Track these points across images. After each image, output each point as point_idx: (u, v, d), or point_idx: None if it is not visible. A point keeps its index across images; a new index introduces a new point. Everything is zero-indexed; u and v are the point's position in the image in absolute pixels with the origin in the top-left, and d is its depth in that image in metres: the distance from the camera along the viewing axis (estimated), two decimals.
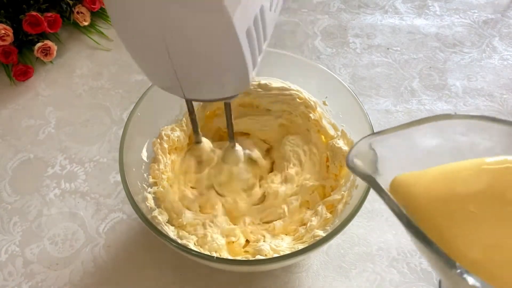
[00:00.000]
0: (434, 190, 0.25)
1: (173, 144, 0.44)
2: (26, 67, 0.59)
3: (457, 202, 0.24)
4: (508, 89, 0.59)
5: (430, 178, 0.25)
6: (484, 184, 0.24)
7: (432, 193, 0.25)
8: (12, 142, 0.54)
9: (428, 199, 0.25)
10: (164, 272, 0.43)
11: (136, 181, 0.39)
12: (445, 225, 0.24)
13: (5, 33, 0.56)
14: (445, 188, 0.25)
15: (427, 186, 0.25)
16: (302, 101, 0.45)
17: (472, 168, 0.25)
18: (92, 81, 0.60)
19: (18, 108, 0.57)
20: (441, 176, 0.25)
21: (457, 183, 0.25)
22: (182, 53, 0.25)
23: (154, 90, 0.42)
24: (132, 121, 0.40)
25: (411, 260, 0.43)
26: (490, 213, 0.23)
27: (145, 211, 0.37)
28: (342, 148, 0.42)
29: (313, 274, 0.42)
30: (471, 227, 0.23)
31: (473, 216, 0.23)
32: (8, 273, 0.43)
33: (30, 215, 0.47)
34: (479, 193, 0.24)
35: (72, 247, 0.45)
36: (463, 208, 0.24)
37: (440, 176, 0.25)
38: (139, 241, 0.45)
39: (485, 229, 0.23)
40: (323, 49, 0.64)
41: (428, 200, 0.25)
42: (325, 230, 0.38)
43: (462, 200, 0.24)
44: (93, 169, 0.51)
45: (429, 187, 0.25)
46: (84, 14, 0.64)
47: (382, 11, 0.70)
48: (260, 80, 0.46)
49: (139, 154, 0.42)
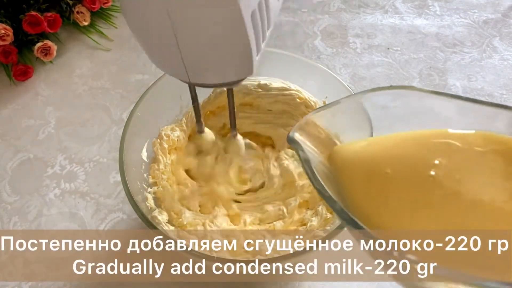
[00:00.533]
0: (364, 154, 0.25)
1: (173, 144, 0.44)
2: (26, 67, 0.59)
3: (376, 164, 0.24)
4: (508, 89, 0.59)
5: (365, 144, 0.25)
6: (412, 151, 0.24)
7: (360, 158, 0.25)
8: (12, 142, 0.54)
9: (354, 164, 0.25)
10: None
11: (136, 181, 0.39)
12: (362, 187, 0.24)
13: (5, 33, 0.56)
14: (372, 153, 0.25)
15: (358, 151, 0.25)
16: (302, 101, 0.45)
17: (414, 137, 0.25)
18: (92, 81, 0.60)
19: (18, 108, 0.57)
20: (376, 142, 0.25)
21: (384, 147, 0.25)
22: (188, 36, 0.25)
23: (154, 90, 0.42)
24: (132, 121, 0.40)
25: None
26: (406, 178, 0.23)
27: (145, 211, 0.37)
28: None
29: (313, 275, 0.42)
30: (383, 188, 0.23)
31: (388, 177, 0.23)
32: (8, 273, 0.43)
33: (30, 215, 0.47)
34: (402, 158, 0.24)
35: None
36: (380, 170, 0.23)
37: (374, 142, 0.25)
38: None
39: (396, 192, 0.23)
40: (323, 49, 0.64)
41: (354, 165, 0.25)
42: (325, 230, 0.38)
43: (382, 162, 0.24)
44: (93, 169, 0.51)
45: (361, 152, 0.25)
46: (84, 14, 0.64)
47: (382, 11, 0.70)
48: (260, 80, 0.46)
49: (139, 154, 0.42)
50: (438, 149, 0.24)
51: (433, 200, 0.22)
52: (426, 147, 0.24)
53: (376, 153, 0.25)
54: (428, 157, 0.23)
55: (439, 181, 0.22)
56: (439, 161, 0.23)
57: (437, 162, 0.23)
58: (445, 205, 0.22)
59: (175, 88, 0.44)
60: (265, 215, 0.43)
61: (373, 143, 0.26)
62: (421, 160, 0.23)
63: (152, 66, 0.62)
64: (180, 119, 0.46)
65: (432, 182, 0.22)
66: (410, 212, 0.22)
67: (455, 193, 0.22)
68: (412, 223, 0.22)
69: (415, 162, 0.23)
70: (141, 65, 0.62)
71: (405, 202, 0.23)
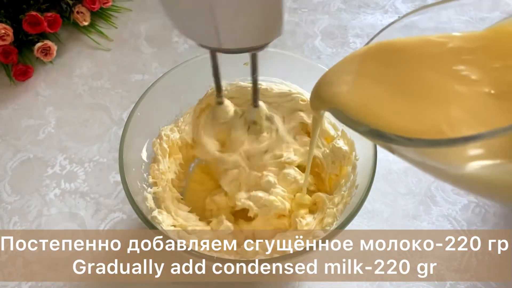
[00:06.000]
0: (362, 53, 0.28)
1: (173, 144, 0.44)
2: (26, 67, 0.59)
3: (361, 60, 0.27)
4: None
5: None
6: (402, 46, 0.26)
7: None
8: (12, 142, 0.54)
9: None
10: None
11: (136, 181, 0.39)
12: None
13: (5, 33, 0.56)
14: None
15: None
16: (305, 102, 0.45)
17: (416, 40, 0.26)
18: (92, 81, 0.60)
19: (18, 108, 0.57)
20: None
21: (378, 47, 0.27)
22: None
23: (154, 90, 0.42)
24: (132, 121, 0.40)
25: (411, 260, 0.43)
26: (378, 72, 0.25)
27: (145, 211, 0.37)
28: (342, 148, 0.42)
29: (313, 275, 0.42)
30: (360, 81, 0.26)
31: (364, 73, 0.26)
32: (8, 273, 0.43)
33: (30, 215, 0.47)
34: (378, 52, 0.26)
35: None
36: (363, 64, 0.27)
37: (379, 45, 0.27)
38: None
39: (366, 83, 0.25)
40: (323, 49, 0.64)
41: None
42: (325, 230, 0.38)
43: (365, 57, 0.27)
44: (93, 169, 0.51)
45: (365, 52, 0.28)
46: (84, 14, 0.64)
47: (383, 11, 0.70)
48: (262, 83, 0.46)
49: (139, 154, 0.42)
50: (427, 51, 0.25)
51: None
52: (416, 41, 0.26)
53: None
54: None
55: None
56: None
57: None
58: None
59: (175, 88, 0.44)
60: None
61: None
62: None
63: (152, 66, 0.62)
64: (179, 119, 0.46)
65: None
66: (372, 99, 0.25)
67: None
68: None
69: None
70: (141, 65, 0.62)
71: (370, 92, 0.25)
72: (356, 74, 0.27)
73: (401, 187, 0.48)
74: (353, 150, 0.41)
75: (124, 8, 0.70)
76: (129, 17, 0.69)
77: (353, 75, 0.27)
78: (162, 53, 0.64)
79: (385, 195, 0.48)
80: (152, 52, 0.64)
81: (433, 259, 0.43)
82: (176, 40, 0.65)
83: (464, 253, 0.43)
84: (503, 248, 0.44)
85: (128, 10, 0.70)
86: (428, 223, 0.45)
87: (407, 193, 0.48)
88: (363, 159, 0.39)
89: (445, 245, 0.44)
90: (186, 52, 0.64)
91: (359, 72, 0.27)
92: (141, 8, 0.70)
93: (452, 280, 0.42)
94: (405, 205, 0.47)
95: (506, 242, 0.44)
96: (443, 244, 0.44)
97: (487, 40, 0.24)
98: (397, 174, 0.49)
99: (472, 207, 0.47)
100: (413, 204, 0.47)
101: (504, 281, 0.42)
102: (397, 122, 0.22)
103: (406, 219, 0.46)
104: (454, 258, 0.43)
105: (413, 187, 0.48)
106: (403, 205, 0.47)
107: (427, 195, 0.47)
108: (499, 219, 0.45)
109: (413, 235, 0.45)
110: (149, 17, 0.69)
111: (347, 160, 0.41)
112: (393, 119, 0.22)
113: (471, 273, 0.42)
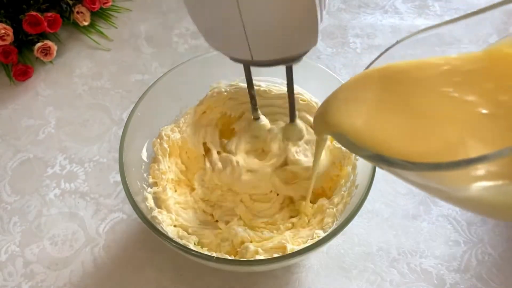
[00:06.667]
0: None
1: (173, 144, 0.44)
2: (26, 67, 0.59)
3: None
4: None
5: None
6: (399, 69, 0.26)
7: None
8: (12, 142, 0.54)
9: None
10: (164, 272, 0.43)
11: (136, 181, 0.39)
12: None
13: (5, 33, 0.56)
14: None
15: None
16: (305, 102, 0.45)
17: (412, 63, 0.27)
18: (92, 81, 0.60)
19: (18, 108, 0.57)
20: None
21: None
22: (253, 7, 0.25)
23: (154, 90, 0.42)
24: (132, 121, 0.40)
25: (411, 260, 0.43)
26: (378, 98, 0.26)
27: (145, 211, 0.37)
28: (342, 148, 0.42)
29: (313, 275, 0.42)
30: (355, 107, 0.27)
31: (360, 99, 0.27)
32: (8, 273, 0.43)
33: (30, 215, 0.47)
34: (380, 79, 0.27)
35: (72, 247, 0.45)
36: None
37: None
38: (139, 241, 0.45)
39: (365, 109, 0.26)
40: (323, 49, 0.64)
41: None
42: (325, 230, 0.38)
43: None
44: (93, 169, 0.51)
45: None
46: (84, 14, 0.64)
47: (383, 11, 0.70)
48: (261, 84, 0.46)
49: (139, 154, 0.42)
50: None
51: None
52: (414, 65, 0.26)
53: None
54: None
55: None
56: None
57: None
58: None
59: (175, 88, 0.44)
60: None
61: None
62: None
63: (152, 66, 0.62)
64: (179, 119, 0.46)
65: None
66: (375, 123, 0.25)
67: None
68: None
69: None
70: (141, 65, 0.62)
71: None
72: (358, 100, 0.27)
73: (401, 187, 0.48)
74: None
75: (124, 8, 0.70)
76: (129, 17, 0.69)
77: (356, 101, 0.28)
78: (162, 53, 0.64)
79: (385, 195, 0.48)
80: (152, 52, 0.64)
81: (433, 259, 0.43)
82: (176, 40, 0.65)
83: (464, 253, 0.43)
84: (503, 248, 0.44)
85: (128, 10, 0.70)
86: (428, 223, 0.45)
87: (407, 193, 0.48)
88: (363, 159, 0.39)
89: (445, 245, 0.44)
90: (186, 52, 0.64)
91: (361, 97, 0.27)
92: (141, 8, 0.70)
93: (452, 280, 0.42)
94: (405, 205, 0.47)
95: (506, 243, 0.44)
96: (443, 244, 0.44)
97: (482, 62, 0.25)
98: None
99: None
100: (413, 204, 0.47)
101: (504, 281, 0.42)
102: (398, 147, 0.22)
103: (406, 219, 0.46)
104: (454, 258, 0.43)
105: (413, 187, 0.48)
106: (403, 205, 0.47)
107: (427, 195, 0.47)
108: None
109: (413, 235, 0.45)
110: (149, 17, 0.69)
111: (347, 160, 0.41)
112: (395, 143, 0.23)
113: (471, 273, 0.42)
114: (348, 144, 0.25)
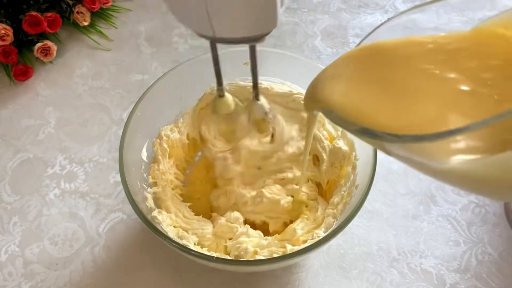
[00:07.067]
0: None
1: (173, 144, 0.44)
2: (26, 67, 0.59)
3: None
4: None
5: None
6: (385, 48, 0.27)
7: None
8: (12, 142, 0.54)
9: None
10: (164, 272, 0.43)
11: (136, 181, 0.39)
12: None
13: (5, 33, 0.56)
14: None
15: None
16: None
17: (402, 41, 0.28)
18: (92, 81, 0.60)
19: (18, 108, 0.57)
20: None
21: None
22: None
23: (154, 90, 0.42)
24: (132, 121, 0.40)
25: (411, 260, 0.43)
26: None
27: (145, 211, 0.37)
28: (342, 148, 0.42)
29: (313, 275, 0.42)
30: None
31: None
32: (8, 273, 0.43)
33: (30, 215, 0.47)
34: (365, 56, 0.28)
35: (72, 247, 0.45)
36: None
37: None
38: (139, 241, 0.45)
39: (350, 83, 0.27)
40: (323, 49, 0.64)
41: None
42: (325, 230, 0.38)
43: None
44: (93, 169, 0.51)
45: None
46: (84, 14, 0.64)
47: (383, 11, 0.70)
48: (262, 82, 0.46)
49: (139, 154, 0.42)
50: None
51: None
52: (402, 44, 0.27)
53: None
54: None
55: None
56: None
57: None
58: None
59: (175, 88, 0.44)
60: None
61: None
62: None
63: (152, 66, 0.62)
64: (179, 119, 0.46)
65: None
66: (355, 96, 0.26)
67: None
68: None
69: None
70: (141, 65, 0.62)
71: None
72: (346, 76, 0.28)
73: (401, 187, 0.48)
74: (353, 150, 0.41)
75: (124, 8, 0.70)
76: (129, 17, 0.69)
77: (343, 77, 0.28)
78: (162, 53, 0.64)
79: (385, 195, 0.48)
80: (152, 52, 0.64)
81: (433, 259, 0.43)
82: (176, 40, 0.65)
83: (464, 253, 0.43)
84: (503, 248, 0.44)
85: (128, 10, 0.70)
86: (428, 223, 0.45)
87: (407, 193, 0.48)
88: (363, 159, 0.39)
89: (445, 245, 0.44)
90: (186, 52, 0.64)
91: (349, 74, 0.28)
92: (141, 8, 0.70)
93: (452, 280, 0.42)
94: (405, 205, 0.47)
95: (506, 243, 0.44)
96: (443, 244, 0.44)
97: (469, 41, 0.26)
98: (397, 174, 0.49)
99: (472, 207, 0.47)
100: (413, 204, 0.47)
101: (504, 281, 0.42)
102: (383, 121, 0.23)
103: (406, 219, 0.46)
104: (454, 258, 0.43)
105: (413, 187, 0.48)
106: (403, 205, 0.47)
107: (427, 195, 0.47)
108: (499, 219, 0.45)
109: (413, 235, 0.45)
110: (149, 17, 0.69)
111: (347, 160, 0.41)
112: (380, 117, 0.24)
113: (471, 273, 0.42)
114: (336, 119, 0.26)
